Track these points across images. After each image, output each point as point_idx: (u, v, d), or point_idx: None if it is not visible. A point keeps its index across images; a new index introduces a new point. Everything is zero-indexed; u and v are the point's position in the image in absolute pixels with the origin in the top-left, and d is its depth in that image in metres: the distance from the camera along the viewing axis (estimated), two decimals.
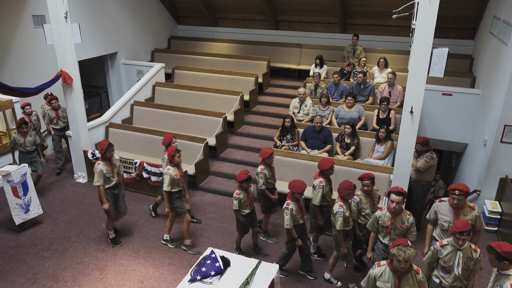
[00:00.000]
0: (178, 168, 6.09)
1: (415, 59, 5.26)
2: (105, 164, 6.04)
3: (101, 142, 6.11)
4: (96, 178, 5.99)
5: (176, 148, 6.11)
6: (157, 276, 5.74)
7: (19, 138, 7.40)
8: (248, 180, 5.67)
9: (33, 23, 9.51)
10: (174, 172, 5.98)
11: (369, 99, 9.02)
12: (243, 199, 5.74)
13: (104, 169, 6.01)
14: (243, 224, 5.93)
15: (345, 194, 5.07)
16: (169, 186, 5.96)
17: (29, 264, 6.00)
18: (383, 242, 4.87)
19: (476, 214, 4.79)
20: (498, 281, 3.95)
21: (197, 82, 10.71)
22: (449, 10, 9.42)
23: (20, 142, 7.41)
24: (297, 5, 11.18)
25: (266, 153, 6.10)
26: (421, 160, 6.45)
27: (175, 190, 6.04)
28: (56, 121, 8.60)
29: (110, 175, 6.10)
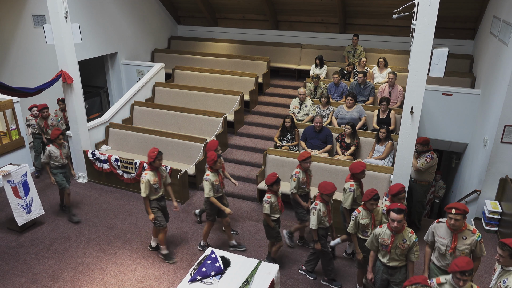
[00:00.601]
0: (218, 174, 5.92)
1: (415, 59, 5.26)
2: (153, 174, 5.69)
3: (150, 150, 5.70)
4: (143, 188, 5.61)
5: (218, 154, 5.89)
6: (157, 276, 5.74)
7: (55, 150, 6.74)
8: (277, 183, 5.47)
9: (33, 23, 9.51)
10: (213, 178, 5.82)
11: (369, 99, 9.02)
12: (274, 203, 5.51)
13: (151, 180, 5.65)
14: (274, 229, 5.65)
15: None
16: (211, 191, 5.80)
17: (29, 264, 6.00)
18: (382, 262, 4.59)
19: (477, 239, 4.33)
20: (502, 277, 3.93)
21: (197, 82, 10.71)
22: (449, 10, 9.41)
23: (56, 155, 6.76)
24: (297, 5, 11.18)
25: (302, 156, 5.90)
26: (421, 160, 6.46)
27: (215, 196, 5.88)
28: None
29: (158, 186, 5.75)
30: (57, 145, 6.74)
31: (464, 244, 4.32)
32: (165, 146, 8.44)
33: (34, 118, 8.21)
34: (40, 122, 8.22)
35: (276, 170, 7.55)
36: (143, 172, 5.71)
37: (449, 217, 4.29)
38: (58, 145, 6.75)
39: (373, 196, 4.86)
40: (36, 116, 8.17)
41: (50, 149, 6.71)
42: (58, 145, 6.75)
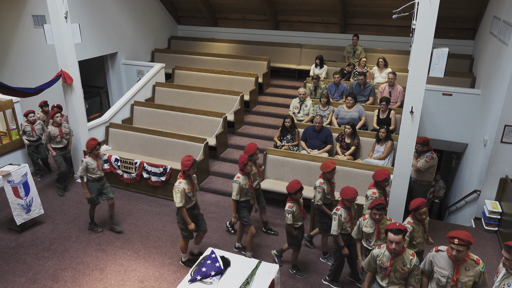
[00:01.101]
0: (248, 177, 5.79)
1: (415, 59, 5.25)
2: (187, 183, 5.46)
3: (184, 158, 5.48)
4: (178, 198, 5.34)
5: (249, 157, 5.72)
6: (157, 276, 5.74)
7: (91, 162, 6.27)
8: (300, 191, 5.31)
9: (33, 23, 9.52)
10: (243, 181, 5.67)
11: (369, 99, 9.02)
12: (296, 212, 5.38)
13: (186, 188, 5.42)
14: (296, 238, 5.53)
15: None
16: (238, 195, 5.67)
17: (29, 264, 6.00)
18: (381, 285, 4.27)
19: (481, 269, 3.96)
20: (506, 280, 3.91)
21: (197, 82, 10.71)
22: (449, 10, 9.42)
23: (93, 166, 6.30)
24: (297, 5, 11.19)
25: (327, 167, 5.64)
26: (421, 160, 6.46)
27: (243, 199, 5.76)
28: (59, 139, 7.60)
29: (191, 195, 5.53)
30: (93, 156, 6.23)
31: (467, 275, 3.95)
32: (165, 146, 8.45)
33: (30, 125, 7.91)
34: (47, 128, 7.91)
35: (276, 170, 7.57)
36: (177, 181, 5.43)
37: (451, 247, 3.91)
38: (94, 156, 6.24)
39: (376, 206, 4.63)
40: (32, 122, 7.91)
41: (87, 160, 6.22)
42: (95, 156, 6.25)
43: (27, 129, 7.94)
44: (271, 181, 7.56)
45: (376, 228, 4.75)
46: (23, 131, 7.95)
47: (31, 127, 7.94)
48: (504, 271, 4.00)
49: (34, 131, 7.97)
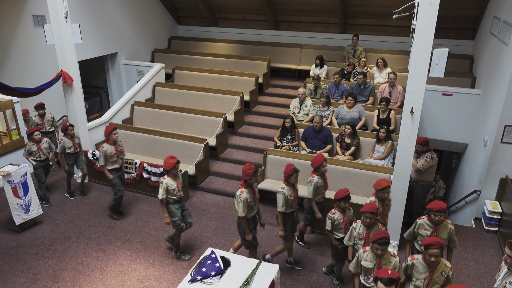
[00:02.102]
0: (294, 188, 5.49)
1: (415, 59, 5.26)
2: (248, 192, 5.29)
3: (245, 167, 5.27)
4: (240, 208, 5.20)
5: (295, 168, 5.41)
6: (157, 276, 5.74)
7: (171, 182, 5.72)
8: (346, 199, 5.08)
9: (33, 23, 9.52)
10: (288, 192, 5.39)
11: (369, 99, 9.02)
12: (337, 220, 5.18)
13: (248, 197, 5.25)
14: (336, 248, 5.30)
15: None
16: (283, 207, 5.38)
17: (30, 264, 6.00)
18: None
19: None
20: (508, 278, 3.94)
21: (197, 82, 10.71)
22: (449, 10, 9.41)
23: (173, 187, 5.73)
24: (297, 5, 11.19)
25: (317, 161, 5.61)
26: (421, 160, 6.46)
27: (288, 211, 5.45)
28: (115, 158, 6.91)
29: (253, 203, 5.38)
30: (172, 176, 5.73)
31: None
32: (165, 146, 8.45)
33: (36, 144, 7.21)
34: None
35: (276, 170, 7.57)
36: (239, 190, 5.28)
37: None
38: (173, 175, 5.75)
39: (378, 240, 4.12)
40: (38, 141, 7.22)
41: (166, 181, 5.67)
42: (174, 175, 5.76)
43: (33, 149, 7.19)
44: (271, 181, 7.56)
45: (377, 263, 4.26)
46: (29, 152, 7.22)
47: (37, 147, 7.22)
48: (505, 270, 4.02)
49: (41, 150, 7.24)
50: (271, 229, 6.81)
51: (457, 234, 6.68)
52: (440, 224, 4.71)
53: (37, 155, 7.29)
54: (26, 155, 7.35)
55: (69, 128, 7.41)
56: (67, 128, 7.39)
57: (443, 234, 4.71)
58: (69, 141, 7.42)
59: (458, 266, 5.98)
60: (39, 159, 7.34)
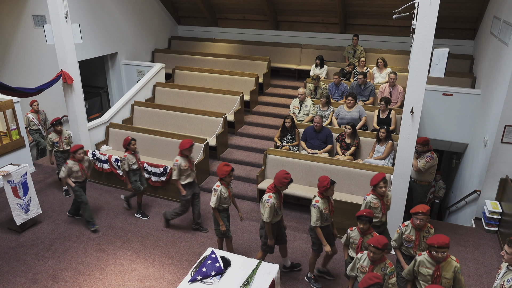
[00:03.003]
0: (329, 201, 5.19)
1: (416, 59, 5.26)
2: (276, 197, 5.19)
3: (281, 174, 5.14)
4: (267, 213, 5.11)
5: (331, 180, 5.11)
6: (157, 277, 5.74)
7: (224, 191, 5.52)
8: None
9: (34, 24, 9.52)
10: (323, 206, 5.11)
11: (369, 99, 9.02)
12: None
13: (275, 203, 5.18)
14: None
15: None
16: (318, 221, 5.11)
17: (30, 264, 6.00)
18: None
19: None
20: (506, 277, 3.95)
21: (197, 82, 10.71)
22: (450, 10, 9.41)
23: (225, 195, 5.55)
24: (297, 6, 11.19)
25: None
26: (421, 161, 6.46)
27: (323, 225, 5.23)
28: None
29: (278, 208, 5.28)
30: (225, 184, 5.52)
31: None
32: (165, 146, 8.45)
33: (78, 163, 6.57)
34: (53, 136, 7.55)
35: (276, 170, 7.52)
36: (267, 194, 5.18)
37: None
38: (226, 183, 5.54)
39: (370, 286, 3.82)
40: (80, 160, 6.58)
41: (220, 189, 5.47)
42: (227, 183, 5.55)
43: (75, 169, 6.56)
44: (271, 181, 7.56)
45: None
46: (69, 172, 6.52)
47: (79, 166, 6.55)
48: (504, 269, 4.03)
49: (83, 170, 6.66)
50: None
51: (457, 234, 6.73)
52: (444, 262, 4.23)
53: (79, 175, 6.58)
54: (65, 175, 6.50)
55: (132, 142, 6.78)
56: (129, 142, 6.76)
57: (447, 273, 4.21)
58: (133, 157, 6.76)
59: None
60: (79, 180, 6.63)
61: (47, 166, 9.03)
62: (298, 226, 6.90)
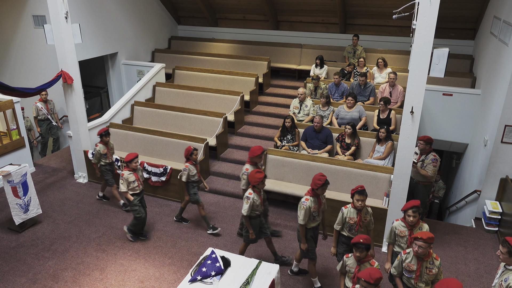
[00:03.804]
0: (318, 200, 5.16)
1: (416, 59, 5.26)
2: (314, 201, 5.05)
3: (317, 175, 5.04)
4: (302, 215, 5.00)
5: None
6: (157, 276, 5.74)
7: (256, 198, 5.33)
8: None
9: (34, 24, 9.52)
10: (312, 204, 5.08)
11: (369, 99, 9.02)
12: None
13: (312, 207, 5.04)
14: None
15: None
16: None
17: (30, 264, 6.00)
18: None
19: None
20: (504, 276, 3.98)
21: (197, 82, 10.71)
22: (450, 10, 9.42)
23: (258, 202, 5.36)
24: (297, 6, 11.19)
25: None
26: (428, 167, 6.36)
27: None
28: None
29: (316, 214, 5.12)
30: (257, 191, 5.37)
31: None
32: (165, 146, 8.45)
33: (134, 173, 6.13)
34: None
35: (276, 170, 7.57)
36: (304, 197, 5.11)
37: None
38: (258, 191, 5.38)
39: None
40: (135, 170, 6.18)
41: (253, 197, 5.32)
42: (259, 191, 5.41)
43: (132, 179, 6.13)
44: (271, 181, 7.55)
45: None
46: (127, 183, 6.10)
47: (135, 176, 6.13)
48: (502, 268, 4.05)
49: (139, 180, 6.22)
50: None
51: (457, 234, 6.74)
52: None
53: (136, 185, 6.15)
54: (126, 188, 6.03)
55: (194, 152, 6.37)
56: (192, 152, 6.35)
57: None
58: (194, 168, 6.40)
59: (458, 266, 5.98)
60: (137, 192, 6.19)
61: (47, 166, 9.04)
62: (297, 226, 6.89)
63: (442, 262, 6.00)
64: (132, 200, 6.12)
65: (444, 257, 6.13)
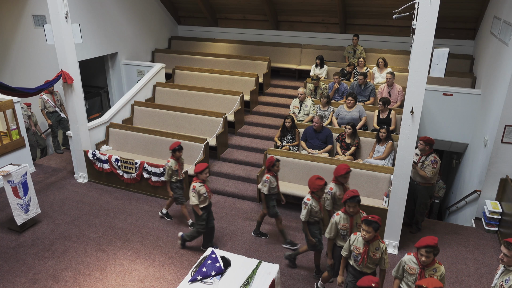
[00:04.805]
0: (319, 202, 5.33)
1: (416, 59, 5.25)
2: (345, 219, 4.89)
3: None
4: (328, 229, 4.94)
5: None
6: (157, 276, 5.74)
7: (315, 205, 5.33)
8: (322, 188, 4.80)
9: (34, 23, 9.52)
10: (315, 203, 5.26)
11: (369, 99, 9.02)
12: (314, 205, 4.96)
13: (341, 225, 4.89)
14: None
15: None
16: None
17: (30, 264, 6.00)
18: None
19: None
20: (504, 276, 3.96)
21: (197, 82, 10.71)
22: (450, 10, 9.42)
23: (316, 209, 5.36)
24: (297, 5, 11.19)
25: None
26: (428, 168, 6.35)
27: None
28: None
29: (346, 233, 4.94)
30: (317, 198, 5.36)
31: None
32: (165, 146, 8.44)
33: (204, 185, 5.87)
34: None
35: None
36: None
37: None
38: (318, 197, 5.39)
39: None
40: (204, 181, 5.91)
41: (311, 203, 5.33)
42: (318, 197, 5.38)
43: (203, 191, 5.81)
44: None
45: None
46: (199, 196, 5.79)
47: (205, 188, 5.84)
48: (502, 268, 4.03)
49: (210, 192, 6.00)
50: None
51: (457, 234, 6.74)
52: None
53: (206, 197, 5.89)
54: (197, 201, 5.75)
55: (276, 164, 6.09)
56: (274, 164, 6.06)
57: None
58: (274, 180, 6.14)
59: (458, 266, 5.98)
60: (206, 205, 5.93)
61: (47, 166, 9.04)
62: (298, 226, 6.90)
63: (442, 262, 6.00)
64: (201, 215, 5.85)
65: (444, 257, 6.13)
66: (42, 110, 9.28)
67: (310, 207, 5.26)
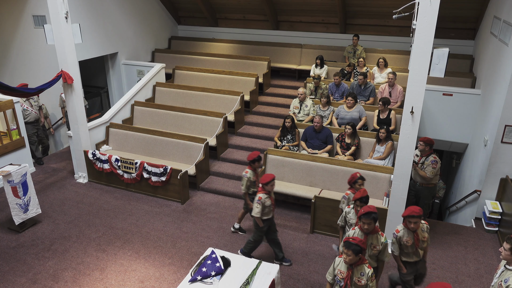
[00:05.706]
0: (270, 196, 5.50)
1: (416, 59, 5.26)
2: (408, 234, 4.68)
3: (413, 209, 4.58)
4: (393, 247, 4.78)
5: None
6: (157, 276, 5.74)
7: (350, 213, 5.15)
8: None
9: (34, 24, 9.52)
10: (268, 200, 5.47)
11: (369, 99, 9.02)
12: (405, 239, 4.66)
13: (404, 239, 4.69)
14: None
15: None
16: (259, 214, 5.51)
17: (30, 264, 6.00)
18: None
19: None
20: (504, 276, 3.97)
21: (197, 82, 10.71)
22: (450, 10, 9.42)
23: (350, 215, 5.21)
24: (297, 5, 11.19)
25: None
26: (428, 168, 6.36)
27: None
28: None
29: (271, 208, 5.08)
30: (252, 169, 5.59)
31: None
32: (165, 146, 8.45)
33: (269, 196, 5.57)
34: None
35: (276, 170, 7.57)
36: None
37: None
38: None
39: None
40: None
41: (348, 211, 5.28)
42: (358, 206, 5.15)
43: (268, 204, 5.52)
44: None
45: None
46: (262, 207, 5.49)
47: (270, 199, 5.54)
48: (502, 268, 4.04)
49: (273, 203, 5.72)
50: None
51: (457, 234, 6.74)
52: None
53: (270, 209, 5.63)
54: (260, 213, 5.49)
55: (359, 181, 5.54)
56: (356, 181, 5.55)
57: None
58: (351, 194, 5.62)
59: (458, 266, 5.98)
60: (269, 217, 5.66)
61: (47, 166, 9.04)
62: (298, 226, 6.90)
63: (442, 262, 6.01)
64: (262, 227, 5.62)
65: (444, 257, 6.13)
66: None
67: (345, 214, 5.35)
